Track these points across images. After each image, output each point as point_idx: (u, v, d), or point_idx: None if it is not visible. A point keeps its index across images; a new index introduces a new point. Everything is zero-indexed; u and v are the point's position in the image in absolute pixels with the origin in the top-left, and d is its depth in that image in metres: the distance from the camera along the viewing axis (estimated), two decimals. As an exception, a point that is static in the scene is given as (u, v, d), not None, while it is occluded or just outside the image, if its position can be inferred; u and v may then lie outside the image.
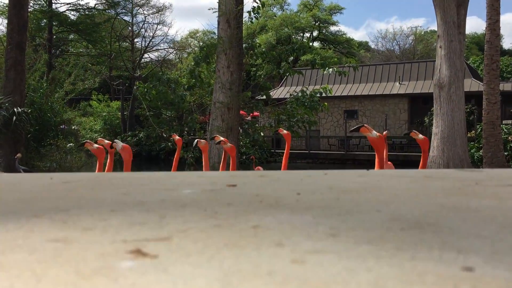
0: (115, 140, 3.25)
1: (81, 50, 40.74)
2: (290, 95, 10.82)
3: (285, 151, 5.14)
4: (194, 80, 11.67)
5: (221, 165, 4.67)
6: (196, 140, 4.33)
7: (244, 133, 11.28)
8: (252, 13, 10.07)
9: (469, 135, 20.74)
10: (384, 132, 7.80)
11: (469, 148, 16.59)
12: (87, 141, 4.37)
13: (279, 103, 11.28)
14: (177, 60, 50.66)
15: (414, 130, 3.81)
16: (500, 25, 14.09)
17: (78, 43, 39.24)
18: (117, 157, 4.75)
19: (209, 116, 10.50)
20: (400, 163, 24.73)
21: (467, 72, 24.89)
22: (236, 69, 9.42)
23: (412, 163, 23.82)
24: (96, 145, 4.25)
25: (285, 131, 5.15)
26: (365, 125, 2.83)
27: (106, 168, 4.33)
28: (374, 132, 2.82)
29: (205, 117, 21.67)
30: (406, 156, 25.75)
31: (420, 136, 3.82)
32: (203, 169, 4.30)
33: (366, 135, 2.82)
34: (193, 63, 11.08)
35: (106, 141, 4.44)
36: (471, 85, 26.68)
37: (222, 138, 4.63)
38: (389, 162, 7.20)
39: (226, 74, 9.32)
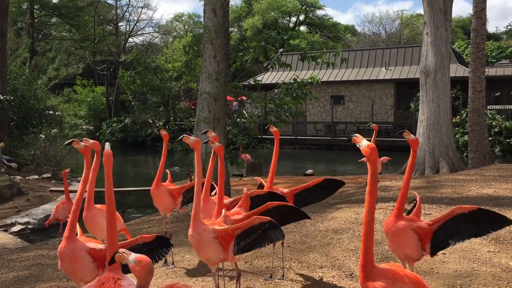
0: (106, 143, 3.19)
1: (64, 34, 39.95)
2: (277, 85, 10.70)
3: (274, 149, 5.10)
4: (184, 69, 11.49)
5: (209, 165, 4.62)
6: (182, 136, 4.24)
7: (233, 123, 11.12)
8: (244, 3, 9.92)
9: (454, 120, 20.91)
10: (373, 125, 7.82)
11: (454, 133, 16.74)
12: (74, 140, 4.26)
13: (267, 93, 11.17)
14: (163, 44, 50.03)
15: (406, 130, 3.78)
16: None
17: (60, 27, 38.43)
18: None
19: (196, 102, 10.37)
20: (386, 148, 24.89)
21: (452, 57, 25.01)
22: (222, 58, 9.28)
23: (398, 149, 23.98)
24: (83, 144, 4.22)
25: (275, 128, 5.10)
26: (356, 135, 2.77)
27: (92, 168, 4.28)
28: (364, 141, 2.75)
29: (191, 103, 21.45)
30: (392, 141, 25.95)
31: (412, 136, 3.78)
32: (196, 170, 4.21)
33: (357, 145, 2.76)
34: (184, 53, 10.89)
35: (91, 141, 4.33)
36: (457, 70, 26.85)
37: (213, 134, 4.53)
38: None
39: (212, 64, 9.19)
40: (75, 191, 11.89)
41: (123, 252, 2.07)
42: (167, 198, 5.68)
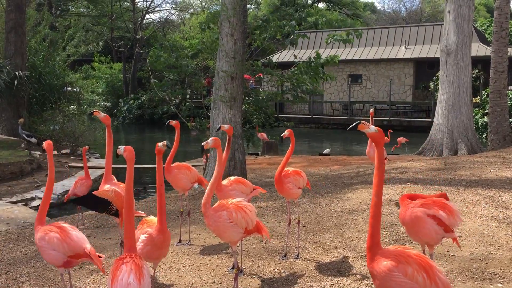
0: (119, 147, 3.16)
1: (82, 10, 39.94)
2: (294, 63, 10.59)
3: (289, 149, 5.05)
4: (199, 47, 11.43)
5: (224, 152, 4.71)
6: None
7: (253, 100, 11.02)
8: None
9: (474, 101, 20.55)
10: (371, 110, 7.83)
11: (473, 114, 16.47)
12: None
13: (284, 71, 11.06)
14: (179, 21, 49.78)
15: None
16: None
17: (78, 2, 38.41)
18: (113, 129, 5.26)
19: (212, 80, 10.32)
20: (404, 128, 24.65)
21: (474, 36, 24.40)
22: (240, 37, 9.20)
23: (415, 129, 23.74)
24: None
25: (286, 133, 4.97)
26: (362, 121, 2.74)
27: (106, 143, 4.78)
28: (372, 127, 2.74)
29: (207, 80, 21.36)
30: (409, 122, 25.68)
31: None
32: (216, 168, 4.17)
33: (364, 132, 2.75)
34: (201, 31, 10.87)
35: (103, 114, 4.75)
36: (478, 49, 26.27)
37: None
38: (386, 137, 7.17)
39: (229, 43, 9.11)
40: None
41: None
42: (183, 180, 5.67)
